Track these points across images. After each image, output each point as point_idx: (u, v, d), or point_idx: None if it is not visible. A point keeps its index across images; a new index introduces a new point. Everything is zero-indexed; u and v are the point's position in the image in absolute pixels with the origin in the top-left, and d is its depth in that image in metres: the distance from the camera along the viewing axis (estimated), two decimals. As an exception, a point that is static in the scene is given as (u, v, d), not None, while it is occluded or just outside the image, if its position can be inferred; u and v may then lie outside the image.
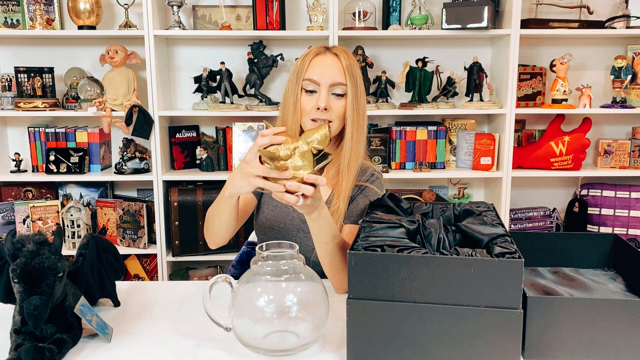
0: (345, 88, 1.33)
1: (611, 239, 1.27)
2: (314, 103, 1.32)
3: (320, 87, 1.32)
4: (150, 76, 2.55)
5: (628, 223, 2.78)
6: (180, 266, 2.88)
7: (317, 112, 1.31)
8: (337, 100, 1.33)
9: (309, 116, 1.33)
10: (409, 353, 0.93)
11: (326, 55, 1.35)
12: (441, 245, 1.03)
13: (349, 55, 1.36)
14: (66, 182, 2.78)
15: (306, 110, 1.33)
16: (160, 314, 1.19)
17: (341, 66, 1.33)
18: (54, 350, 0.96)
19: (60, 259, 0.97)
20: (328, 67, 1.33)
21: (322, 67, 1.33)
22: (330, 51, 1.36)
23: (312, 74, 1.33)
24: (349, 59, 1.35)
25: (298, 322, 1.00)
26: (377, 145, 2.67)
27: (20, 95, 2.62)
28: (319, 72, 1.33)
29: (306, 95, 1.34)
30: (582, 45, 2.85)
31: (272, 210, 1.43)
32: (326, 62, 1.34)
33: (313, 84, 1.33)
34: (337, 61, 1.34)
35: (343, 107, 1.34)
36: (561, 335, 0.95)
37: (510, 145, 2.64)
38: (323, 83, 1.32)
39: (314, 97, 1.33)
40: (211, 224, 1.34)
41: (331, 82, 1.32)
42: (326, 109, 1.31)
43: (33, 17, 2.58)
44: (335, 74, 1.32)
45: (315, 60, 1.35)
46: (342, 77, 1.33)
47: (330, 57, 1.35)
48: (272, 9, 2.56)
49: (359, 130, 1.35)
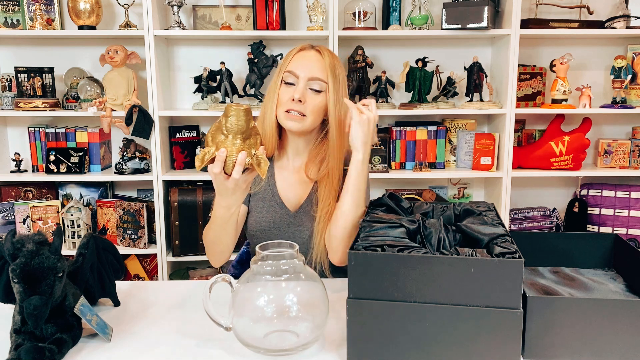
0: (324, 85, 1.34)
1: (611, 239, 1.27)
2: (291, 95, 1.33)
3: (299, 79, 1.33)
4: (150, 76, 2.55)
5: (628, 223, 2.78)
6: (180, 266, 2.88)
7: (292, 104, 1.32)
8: (313, 95, 1.34)
9: (284, 107, 1.34)
10: (409, 353, 0.93)
11: (310, 51, 1.38)
12: (441, 245, 1.03)
13: (333, 56, 1.38)
14: (66, 182, 2.78)
15: (282, 101, 1.35)
16: (160, 314, 1.19)
17: (323, 63, 1.35)
18: (54, 350, 0.96)
19: (60, 259, 0.97)
20: (309, 62, 1.35)
21: (303, 61, 1.35)
22: (315, 48, 1.38)
23: (293, 67, 1.35)
24: (332, 58, 1.36)
25: (298, 322, 1.00)
26: (377, 145, 2.67)
27: (20, 95, 2.62)
28: (299, 66, 1.34)
29: (285, 87, 1.35)
30: (582, 45, 2.85)
31: (259, 212, 1.43)
32: (308, 57, 1.36)
33: (292, 76, 1.34)
34: (319, 58, 1.36)
35: (319, 103, 1.34)
36: (561, 335, 0.95)
37: (510, 145, 2.64)
38: (302, 76, 1.33)
39: (291, 89, 1.34)
40: (216, 245, 1.32)
41: (310, 76, 1.33)
42: (300, 101, 1.32)
43: (33, 17, 2.58)
44: (316, 70, 1.34)
45: (299, 55, 1.37)
46: (323, 74, 1.34)
47: (313, 53, 1.37)
48: (272, 9, 2.56)
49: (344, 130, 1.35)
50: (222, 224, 1.26)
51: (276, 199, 1.41)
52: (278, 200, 1.41)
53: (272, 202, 1.41)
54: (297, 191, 1.42)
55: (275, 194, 1.42)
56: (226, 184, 1.11)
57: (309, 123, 1.34)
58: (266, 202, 1.42)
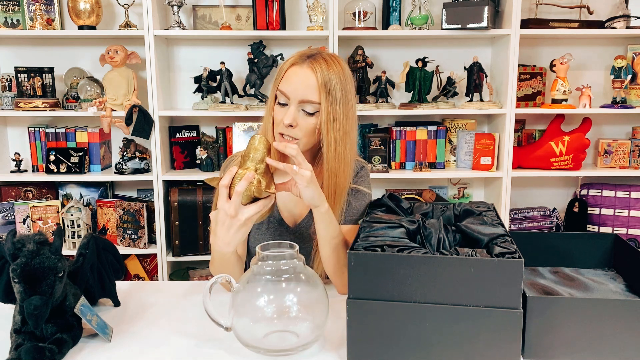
0: (318, 106, 1.23)
1: (611, 239, 1.27)
2: (283, 117, 1.26)
3: (290, 101, 1.24)
4: (150, 76, 2.55)
5: (628, 223, 2.78)
6: (180, 266, 2.88)
7: (284, 128, 1.26)
8: (306, 117, 1.24)
9: (278, 129, 1.27)
10: (409, 353, 0.93)
11: (302, 67, 1.23)
12: (441, 245, 1.03)
13: (329, 68, 1.23)
14: (66, 182, 2.78)
15: (277, 121, 1.28)
16: (160, 314, 1.19)
17: (315, 82, 1.21)
18: (54, 350, 0.96)
19: (60, 259, 0.97)
20: (300, 82, 1.22)
21: (295, 80, 1.23)
22: (309, 62, 1.24)
23: (284, 87, 1.24)
24: (329, 72, 1.23)
25: (298, 322, 1.00)
26: (377, 145, 2.67)
27: (20, 95, 2.62)
28: (290, 87, 1.23)
29: (278, 106, 1.27)
30: (582, 45, 2.85)
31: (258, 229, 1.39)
32: (300, 76, 1.23)
33: (284, 96, 1.25)
34: (312, 76, 1.22)
35: (313, 125, 1.24)
36: (561, 335, 0.95)
37: (510, 145, 2.64)
38: (292, 98, 1.23)
39: (284, 110, 1.25)
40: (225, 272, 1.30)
41: (300, 99, 1.23)
42: (292, 126, 1.24)
43: (33, 17, 2.58)
44: (307, 91, 1.22)
45: (291, 71, 1.25)
46: (315, 95, 1.22)
47: (305, 70, 1.23)
48: (272, 9, 2.56)
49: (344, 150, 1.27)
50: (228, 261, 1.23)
51: (275, 215, 1.38)
52: (277, 216, 1.38)
53: (271, 219, 1.38)
54: (297, 207, 1.39)
55: (275, 210, 1.38)
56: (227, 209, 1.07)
57: (303, 144, 1.27)
58: (265, 218, 1.38)
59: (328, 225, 1.21)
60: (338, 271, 1.27)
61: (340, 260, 1.26)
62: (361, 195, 1.37)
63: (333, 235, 1.23)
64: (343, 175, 1.28)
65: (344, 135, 1.26)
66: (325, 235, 1.22)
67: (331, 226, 1.22)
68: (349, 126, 1.27)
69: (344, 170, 1.28)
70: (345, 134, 1.26)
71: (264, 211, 1.11)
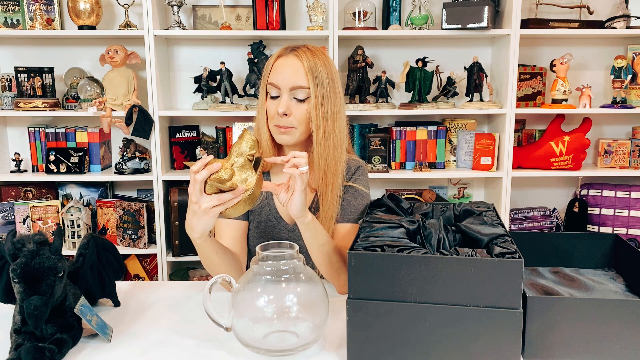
0: (307, 91, 1.25)
1: (611, 239, 1.27)
2: (276, 108, 1.27)
3: (281, 91, 1.26)
4: (150, 76, 2.55)
5: (628, 223, 2.78)
6: (180, 266, 2.88)
7: (279, 118, 1.27)
8: (299, 104, 1.27)
9: (273, 121, 1.29)
10: (409, 353, 0.93)
11: (288, 57, 1.28)
12: (441, 245, 1.03)
13: (314, 55, 1.27)
14: (66, 182, 2.78)
15: (271, 115, 1.29)
16: (160, 314, 1.19)
17: (302, 68, 1.25)
18: (54, 350, 0.96)
19: (60, 259, 0.97)
20: (288, 70, 1.26)
21: (283, 69, 1.27)
22: (294, 52, 1.28)
23: (273, 78, 1.27)
24: (313, 58, 1.26)
25: (298, 322, 1.00)
26: (377, 145, 2.67)
27: (20, 95, 2.62)
28: (279, 76, 1.26)
29: (270, 100, 1.29)
30: (582, 45, 2.85)
31: (257, 227, 1.40)
32: (287, 65, 1.26)
33: (275, 88, 1.27)
34: (298, 63, 1.26)
35: (306, 112, 1.27)
36: (561, 335, 0.95)
37: (510, 145, 2.64)
38: (283, 87, 1.26)
39: (277, 102, 1.27)
40: (216, 269, 1.30)
41: (291, 86, 1.25)
42: (286, 114, 1.26)
43: (33, 17, 2.58)
44: (296, 77, 1.25)
45: (277, 63, 1.28)
46: (304, 80, 1.25)
47: (291, 59, 1.27)
48: (272, 9, 2.56)
49: (333, 133, 1.28)
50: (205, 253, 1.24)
51: (273, 213, 1.38)
52: (275, 214, 1.38)
53: (269, 216, 1.38)
54: None
55: (273, 208, 1.38)
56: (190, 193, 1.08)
57: (300, 133, 1.29)
58: (263, 215, 1.39)
59: (314, 234, 1.21)
60: (333, 274, 1.27)
61: (334, 264, 1.26)
62: (360, 195, 1.37)
63: (321, 242, 1.22)
64: (333, 158, 1.29)
65: (332, 118, 1.28)
66: (313, 243, 1.22)
67: (318, 234, 1.21)
68: (337, 110, 1.29)
69: (334, 154, 1.29)
70: (333, 117, 1.28)
71: (230, 205, 1.06)
